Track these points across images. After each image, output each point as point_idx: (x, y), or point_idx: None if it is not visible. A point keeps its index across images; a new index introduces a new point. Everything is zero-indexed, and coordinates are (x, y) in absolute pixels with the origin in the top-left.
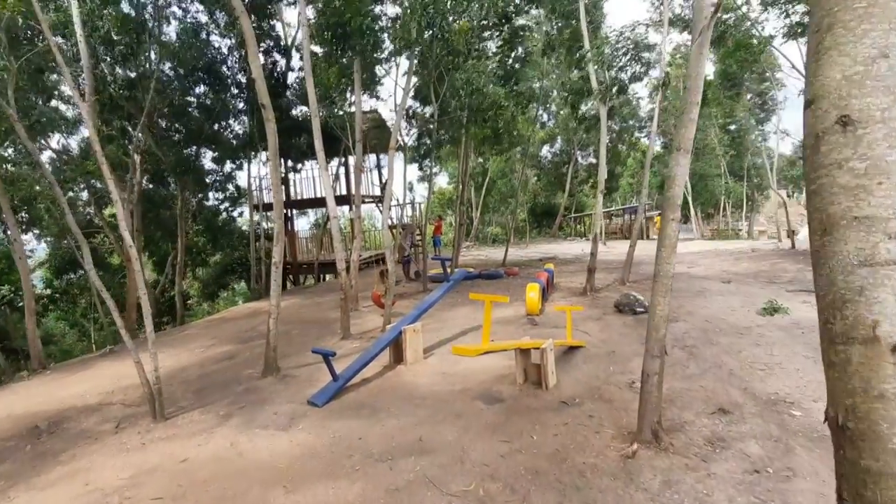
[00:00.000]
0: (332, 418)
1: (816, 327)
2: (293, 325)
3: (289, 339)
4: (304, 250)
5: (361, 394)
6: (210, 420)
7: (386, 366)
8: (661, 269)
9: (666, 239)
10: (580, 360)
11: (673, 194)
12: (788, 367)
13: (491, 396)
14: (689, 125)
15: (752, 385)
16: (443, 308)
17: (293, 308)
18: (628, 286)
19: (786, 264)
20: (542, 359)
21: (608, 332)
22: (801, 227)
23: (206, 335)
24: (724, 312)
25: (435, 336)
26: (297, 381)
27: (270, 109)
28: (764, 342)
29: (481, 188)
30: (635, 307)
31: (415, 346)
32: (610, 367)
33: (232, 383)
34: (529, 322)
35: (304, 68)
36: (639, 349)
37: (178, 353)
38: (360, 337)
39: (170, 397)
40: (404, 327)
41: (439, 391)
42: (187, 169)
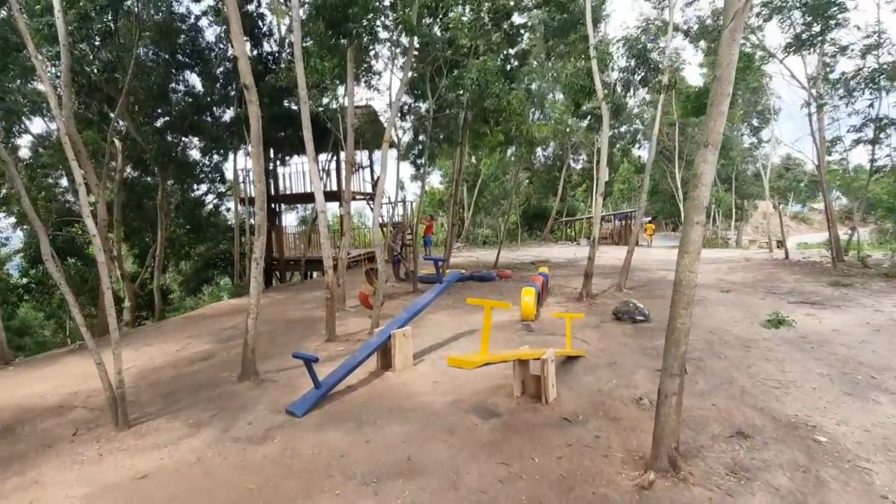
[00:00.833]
0: (312, 431)
1: (827, 342)
2: (276, 325)
3: (271, 340)
4: (292, 246)
5: (345, 403)
6: (178, 429)
7: (373, 372)
8: (683, 277)
9: (689, 244)
10: (580, 372)
11: (698, 195)
12: (804, 386)
13: (486, 410)
14: (719, 118)
15: (768, 405)
16: (434, 310)
17: (277, 306)
18: (625, 293)
19: (782, 274)
20: (543, 370)
21: (607, 341)
22: (788, 237)
23: (183, 333)
24: (728, 324)
25: (426, 340)
26: (276, 387)
27: (254, 91)
28: (774, 357)
29: (473, 189)
30: (635, 315)
31: (404, 352)
32: (612, 379)
33: (206, 387)
34: (524, 328)
35: (294, 53)
36: (641, 360)
37: (152, 351)
38: (346, 339)
39: (136, 401)
40: (393, 331)
41: (430, 402)
42: (169, 157)
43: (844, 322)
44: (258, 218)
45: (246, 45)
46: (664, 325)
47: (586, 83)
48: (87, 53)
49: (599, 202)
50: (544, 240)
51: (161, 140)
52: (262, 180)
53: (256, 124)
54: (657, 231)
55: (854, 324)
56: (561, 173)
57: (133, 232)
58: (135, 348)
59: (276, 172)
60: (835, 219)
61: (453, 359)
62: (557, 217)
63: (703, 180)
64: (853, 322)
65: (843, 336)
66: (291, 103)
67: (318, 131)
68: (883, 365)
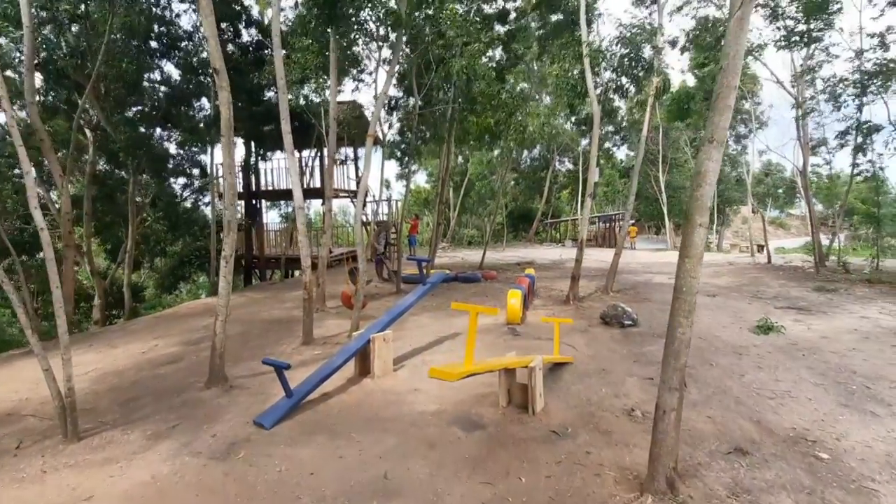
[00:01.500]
0: (281, 444)
1: (817, 349)
2: (252, 326)
3: (244, 342)
4: (274, 244)
5: (319, 413)
6: (133, 442)
7: (350, 378)
8: (685, 283)
9: (692, 248)
10: (569, 379)
11: (702, 194)
12: (799, 396)
13: (470, 421)
14: (725, 112)
15: (764, 417)
16: (418, 312)
17: (255, 306)
18: (612, 296)
19: (766, 279)
20: (531, 379)
21: (596, 347)
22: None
23: (152, 333)
24: (716, 329)
25: (407, 344)
26: (246, 394)
27: (224, 75)
28: (766, 365)
29: (460, 188)
30: (623, 320)
31: (384, 357)
32: (602, 388)
33: (170, 394)
34: (510, 332)
35: (273, 41)
36: (632, 368)
37: (116, 353)
38: (323, 342)
39: (93, 409)
40: (373, 335)
41: (410, 412)
42: (141, 149)
43: (833, 328)
44: (228, 213)
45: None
46: (653, 331)
47: (578, 83)
48: (53, 37)
49: (588, 203)
50: (529, 241)
51: (132, 130)
52: (232, 173)
53: (227, 112)
54: (639, 234)
55: (842, 330)
56: (547, 175)
57: (105, 227)
58: (98, 350)
59: (257, 168)
60: (818, 224)
61: (435, 370)
62: (543, 218)
63: (707, 179)
64: (841, 328)
65: (832, 343)
66: (274, 97)
67: (302, 126)
68: (876, 374)
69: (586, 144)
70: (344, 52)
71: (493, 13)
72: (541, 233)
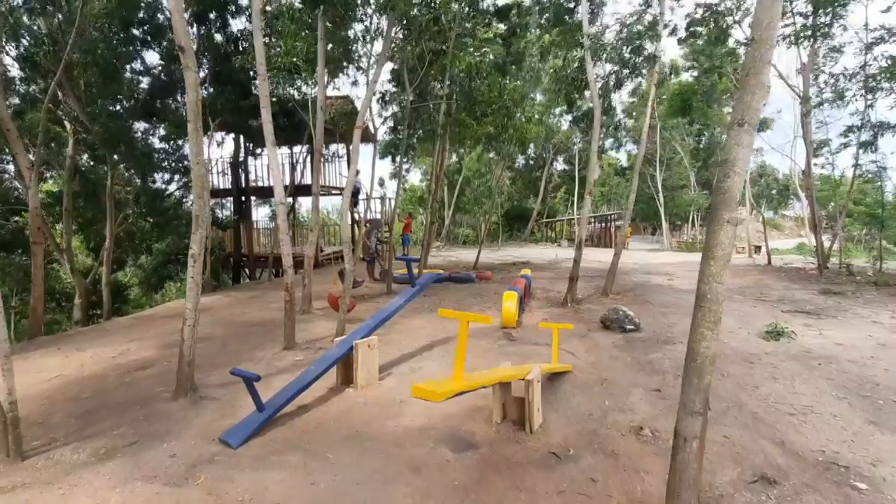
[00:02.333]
0: (248, 467)
1: (834, 358)
2: (232, 328)
3: (221, 346)
4: (264, 242)
5: (294, 429)
6: (82, 462)
7: (332, 388)
8: (709, 289)
9: (717, 248)
10: (568, 390)
11: (730, 185)
12: (823, 412)
13: (460, 440)
14: (757, 90)
15: (788, 437)
16: (408, 314)
17: (239, 306)
18: (611, 298)
19: (769, 280)
20: (528, 393)
21: (596, 354)
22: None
23: (127, 335)
24: (723, 334)
25: (394, 350)
26: (215, 406)
27: (191, 54)
28: (781, 376)
29: (454, 187)
30: (625, 324)
31: (368, 366)
32: (605, 400)
33: (133, 405)
34: (505, 336)
35: (253, 21)
36: (636, 378)
37: (84, 357)
38: (306, 347)
39: (45, 422)
40: (356, 342)
41: (395, 429)
42: (120, 142)
43: (846, 335)
44: (196, 207)
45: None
46: (657, 336)
47: (578, 76)
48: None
49: (588, 201)
50: (525, 241)
51: (109, 122)
52: (200, 162)
53: (194, 95)
54: (634, 233)
55: (857, 337)
56: (542, 174)
57: (88, 223)
58: (66, 354)
59: (246, 164)
60: (820, 225)
61: (419, 388)
62: (538, 218)
63: (736, 167)
64: (855, 335)
65: (848, 351)
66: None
67: (293, 122)
68: None
69: (583, 143)
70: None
71: (491, 9)
72: (536, 232)
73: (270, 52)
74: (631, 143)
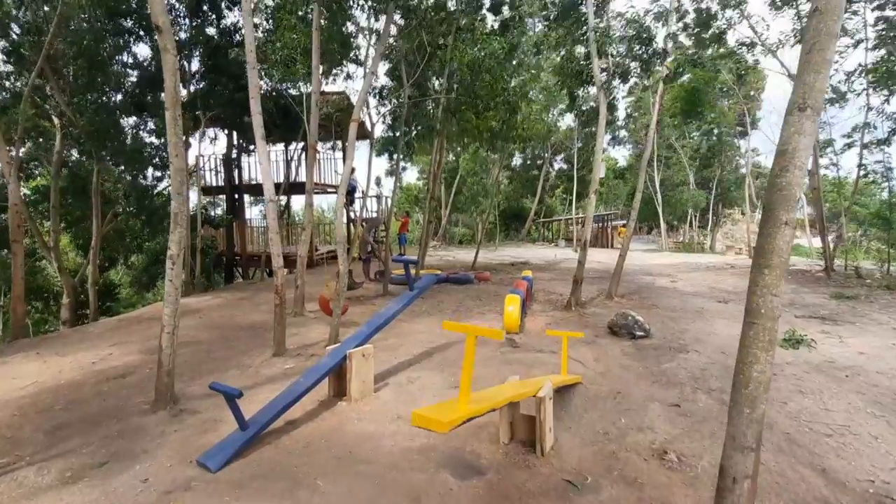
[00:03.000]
0: (227, 494)
1: (860, 369)
2: (221, 332)
3: (209, 351)
4: (259, 241)
5: (280, 449)
6: (46, 485)
7: (323, 401)
8: (763, 303)
9: (773, 255)
10: (579, 405)
11: (788, 181)
12: (861, 433)
13: (464, 463)
14: (822, 69)
15: (828, 462)
16: (406, 318)
17: (230, 308)
18: (617, 301)
19: None
20: (539, 411)
21: (606, 362)
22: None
23: (110, 339)
24: (737, 340)
25: (391, 356)
26: (196, 420)
27: (169, 35)
28: (808, 389)
29: (451, 186)
30: (634, 330)
31: (363, 376)
32: (620, 416)
33: (108, 418)
34: (508, 343)
35: (242, 6)
36: (652, 391)
37: (64, 363)
38: (297, 354)
39: (13, 437)
40: (349, 351)
41: (391, 449)
42: (107, 136)
43: (868, 343)
44: (174, 204)
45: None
46: (668, 343)
47: (582, 69)
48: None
49: (593, 200)
50: (522, 240)
51: (94, 115)
52: (179, 154)
53: (172, 80)
54: None
55: (880, 345)
56: (540, 173)
57: (77, 221)
58: (44, 359)
59: (239, 161)
60: (826, 227)
61: (421, 415)
62: (536, 218)
63: (795, 160)
64: (878, 343)
65: (874, 361)
66: None
67: (289, 119)
68: None
69: (582, 141)
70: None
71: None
72: (533, 232)
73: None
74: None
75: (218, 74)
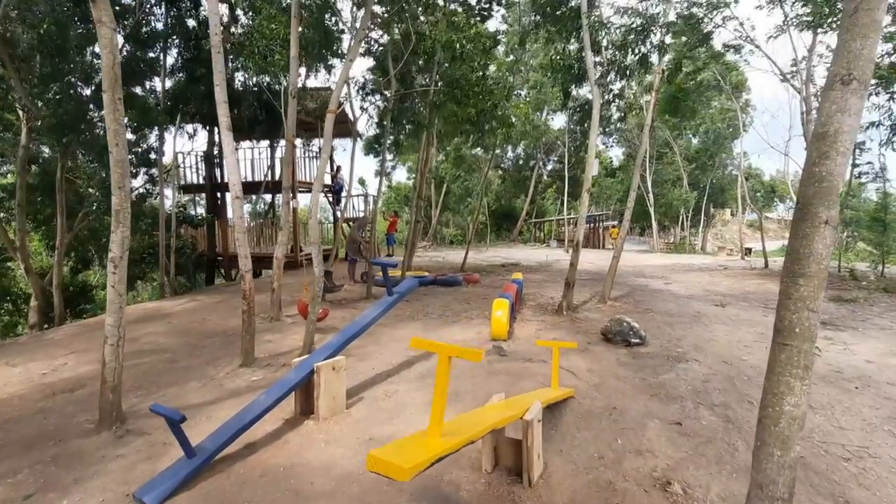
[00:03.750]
0: None
1: (870, 380)
2: (188, 338)
3: (172, 361)
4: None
5: (233, 479)
6: None
7: (288, 420)
8: (796, 320)
9: (810, 261)
10: (571, 423)
11: (830, 171)
12: (882, 455)
13: (441, 496)
14: (871, 32)
15: (850, 493)
16: (385, 322)
17: (204, 311)
18: (610, 305)
19: (770, 285)
20: (527, 436)
21: (600, 373)
22: (744, 244)
23: (68, 347)
24: (738, 349)
25: (367, 366)
26: (144, 444)
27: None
28: (818, 404)
29: (442, 185)
30: (629, 337)
31: (333, 392)
32: (616, 437)
33: (45, 440)
34: (496, 351)
35: None
36: (650, 406)
37: (11, 374)
38: (268, 364)
39: None
40: (317, 365)
41: (360, 479)
42: (72, 129)
43: (874, 350)
44: (116, 200)
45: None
46: (666, 351)
47: (575, 64)
48: None
49: (586, 199)
50: (513, 241)
51: (59, 107)
52: (119, 144)
53: (109, 58)
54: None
55: (885, 351)
56: (532, 173)
57: (47, 220)
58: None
59: (221, 157)
60: None
61: (378, 458)
62: (527, 218)
63: (838, 145)
64: (884, 349)
65: (884, 371)
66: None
67: (272, 116)
68: None
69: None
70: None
71: None
72: (524, 232)
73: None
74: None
75: (196, 69)
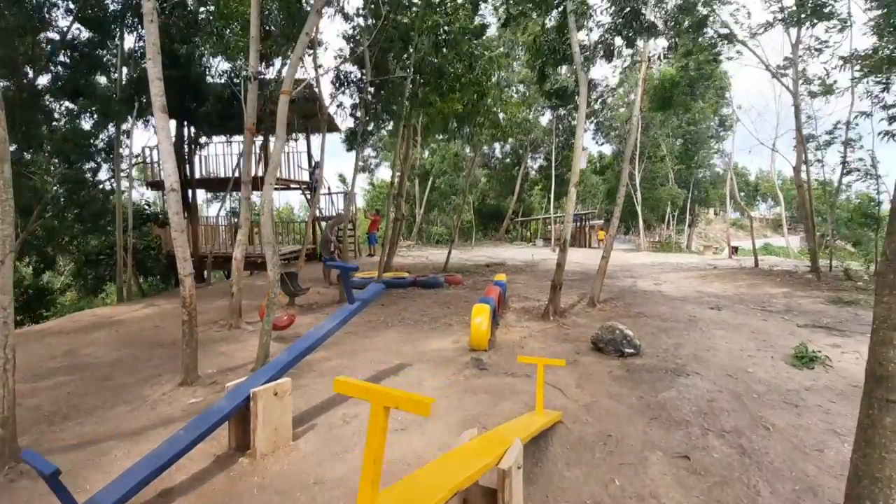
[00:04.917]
0: None
1: None
2: (134, 350)
3: (105, 378)
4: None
5: None
6: None
7: (220, 456)
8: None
9: None
10: (559, 456)
11: None
12: None
13: None
14: None
15: None
16: (353, 329)
17: (155, 318)
18: (600, 308)
19: (764, 286)
20: (503, 488)
21: (591, 390)
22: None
23: None
24: (743, 360)
25: (325, 385)
26: (37, 491)
27: None
28: (842, 428)
29: (426, 182)
30: (622, 347)
31: (274, 422)
32: (614, 476)
33: None
34: (474, 363)
35: None
36: (648, 432)
37: None
38: (213, 381)
39: None
40: (254, 390)
41: None
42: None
43: None
44: None
45: None
46: (663, 363)
47: (558, 45)
48: None
49: (573, 195)
50: (499, 240)
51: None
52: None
53: None
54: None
55: None
56: (518, 172)
57: None
58: None
59: (192, 153)
60: (814, 227)
61: None
62: (513, 217)
63: None
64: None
65: None
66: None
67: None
68: None
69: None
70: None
71: None
72: (511, 231)
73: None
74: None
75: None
